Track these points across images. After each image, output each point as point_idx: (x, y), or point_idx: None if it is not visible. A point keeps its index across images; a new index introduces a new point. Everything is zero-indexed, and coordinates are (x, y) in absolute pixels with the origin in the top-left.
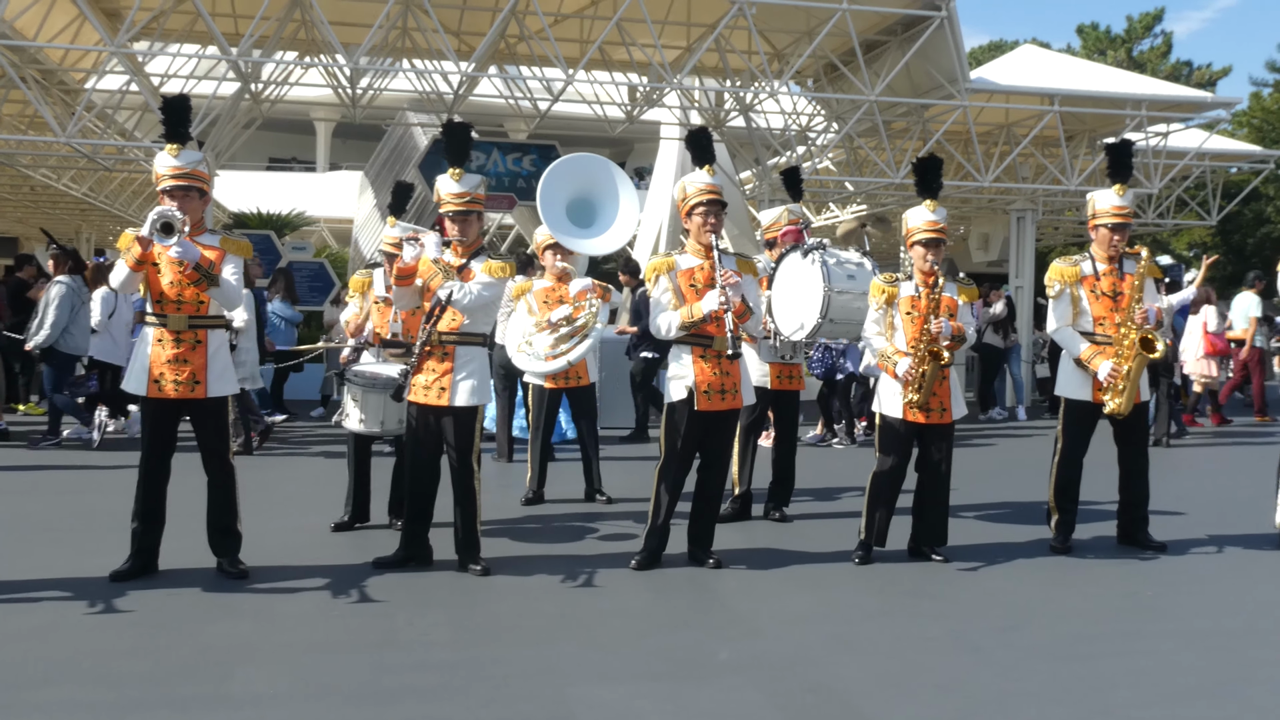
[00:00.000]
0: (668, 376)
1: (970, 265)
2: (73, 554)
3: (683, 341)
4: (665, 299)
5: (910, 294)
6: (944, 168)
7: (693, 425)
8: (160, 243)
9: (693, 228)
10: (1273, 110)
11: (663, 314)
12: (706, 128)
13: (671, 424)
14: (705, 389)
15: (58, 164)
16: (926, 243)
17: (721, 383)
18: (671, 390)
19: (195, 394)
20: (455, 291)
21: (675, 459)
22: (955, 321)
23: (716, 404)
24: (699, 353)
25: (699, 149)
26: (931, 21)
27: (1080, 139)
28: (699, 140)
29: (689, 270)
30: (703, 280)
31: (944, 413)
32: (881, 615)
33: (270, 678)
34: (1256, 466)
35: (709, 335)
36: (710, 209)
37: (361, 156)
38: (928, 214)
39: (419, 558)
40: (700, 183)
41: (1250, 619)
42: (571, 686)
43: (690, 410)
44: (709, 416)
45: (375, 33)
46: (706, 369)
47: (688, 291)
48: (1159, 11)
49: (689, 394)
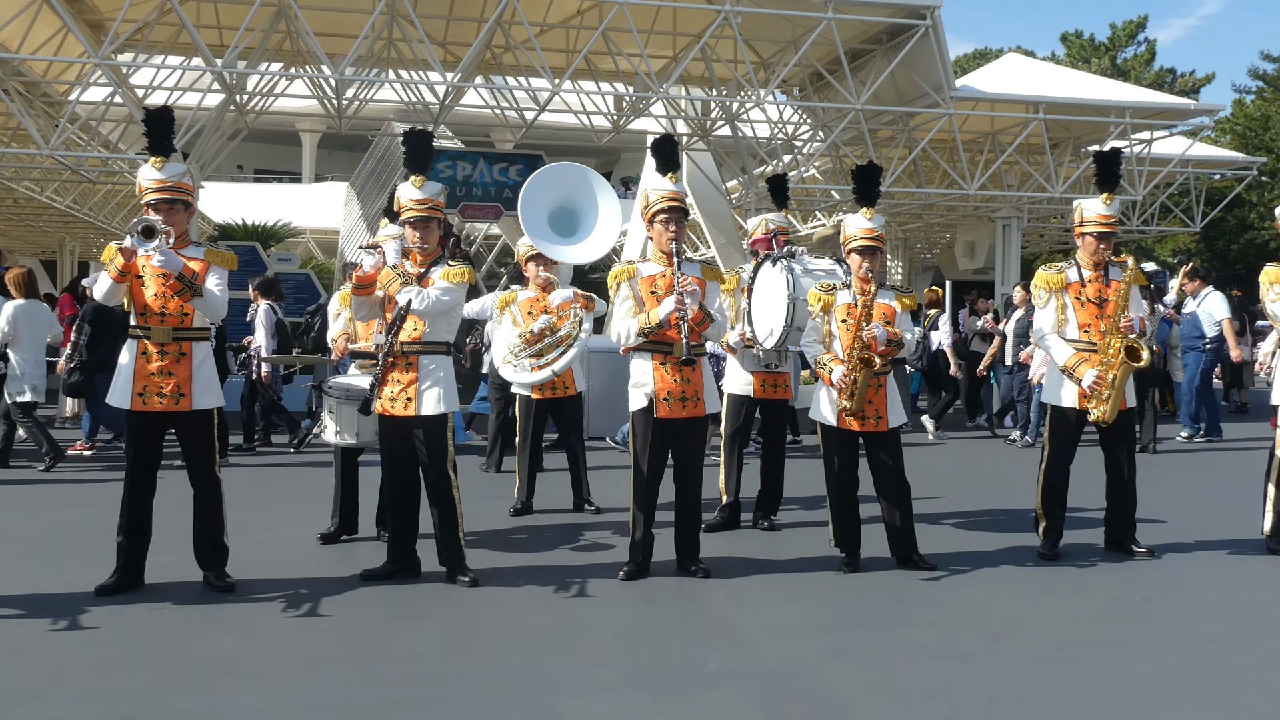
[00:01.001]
0: (629, 385)
1: (956, 273)
2: (58, 569)
3: (642, 349)
4: (626, 306)
5: (847, 301)
6: (930, 176)
7: (657, 433)
8: (142, 249)
9: (654, 235)
10: (1255, 117)
11: (620, 321)
12: (671, 136)
13: (636, 433)
14: (665, 396)
15: (41, 176)
16: (863, 250)
17: (682, 390)
18: (632, 398)
19: (180, 407)
20: (414, 298)
21: (644, 468)
22: (891, 328)
23: (677, 411)
24: (658, 360)
25: (663, 157)
26: (916, 30)
27: (1065, 146)
28: (663, 148)
29: (650, 277)
30: (664, 287)
31: (880, 420)
32: (870, 623)
33: (258, 691)
34: (1243, 472)
35: (669, 342)
36: (672, 216)
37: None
38: (864, 222)
39: (407, 570)
40: (662, 190)
41: (1238, 624)
42: (561, 697)
43: (652, 418)
44: (671, 424)
45: (361, 43)
46: (666, 376)
47: (648, 298)
48: (1142, 19)
49: (649, 401)
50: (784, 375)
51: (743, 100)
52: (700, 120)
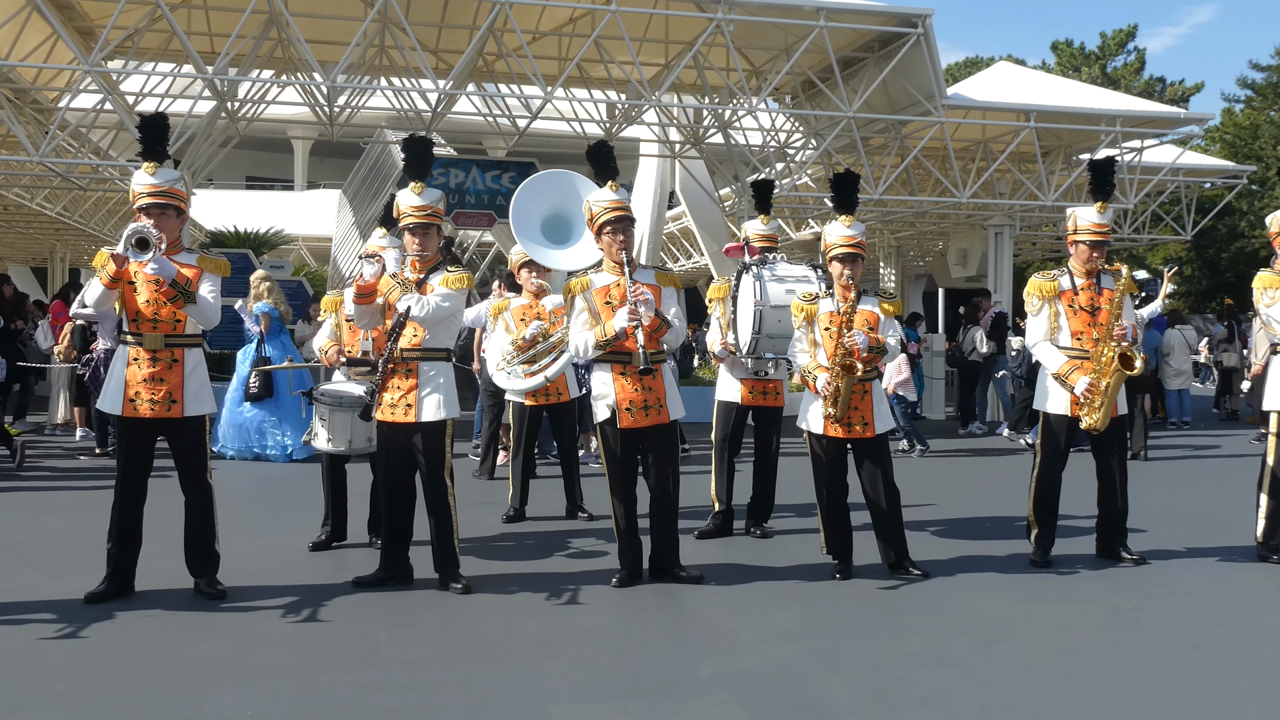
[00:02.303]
0: (592, 396)
1: (949, 280)
2: (47, 576)
3: (602, 360)
4: (583, 319)
5: (830, 309)
6: (922, 184)
7: (623, 442)
8: (135, 259)
9: (604, 246)
10: (1245, 126)
11: (578, 335)
12: (606, 142)
13: (605, 444)
14: (627, 406)
15: (31, 183)
16: (844, 258)
17: (644, 399)
18: (596, 410)
19: (172, 413)
20: (414, 305)
21: (616, 477)
22: (873, 334)
23: (640, 420)
24: (619, 370)
25: (600, 165)
26: (908, 38)
27: (1056, 154)
28: (599, 156)
29: (604, 288)
30: (618, 297)
31: (866, 426)
32: (863, 630)
33: (249, 699)
34: (1236, 479)
35: (628, 352)
36: (619, 225)
37: (339, 175)
38: (844, 229)
39: (399, 576)
40: (605, 200)
41: (1230, 631)
42: (554, 705)
43: (617, 429)
44: (636, 433)
45: (353, 50)
46: (627, 386)
47: (603, 309)
48: (1132, 28)
49: (611, 413)
50: (776, 382)
51: (735, 108)
52: (693, 128)
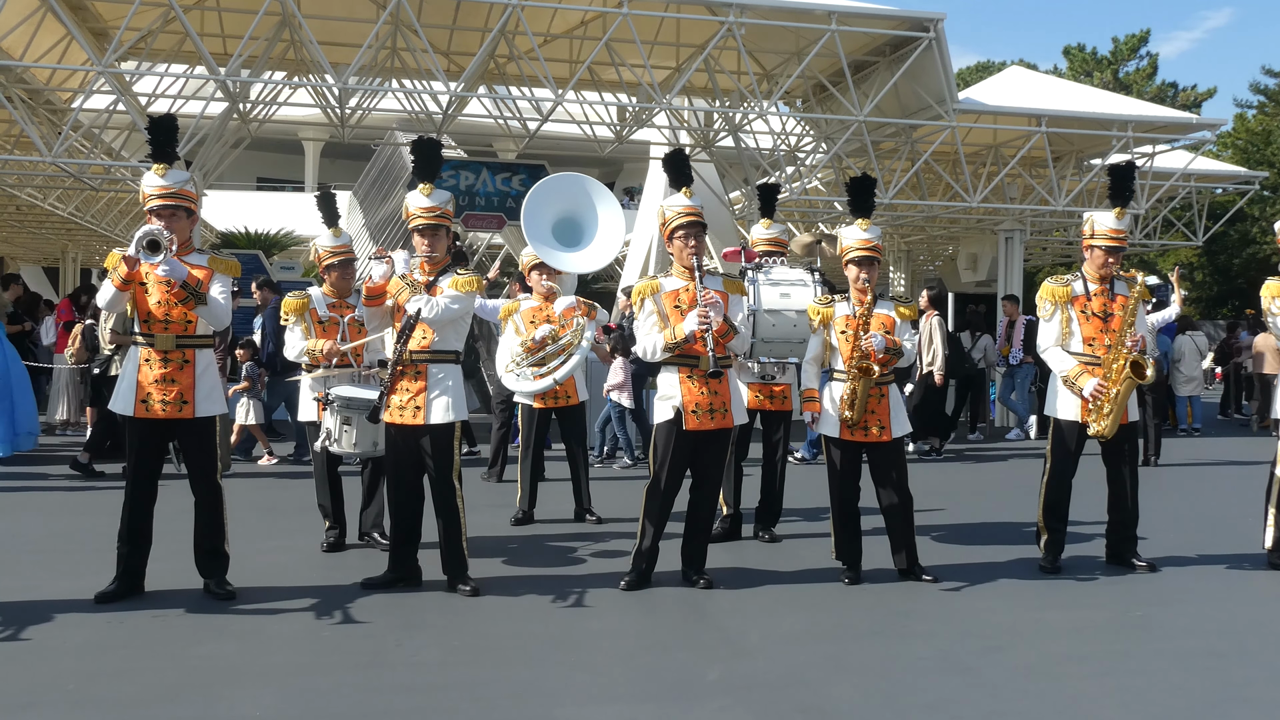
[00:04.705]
0: (655, 397)
1: (959, 285)
2: (58, 575)
3: (669, 363)
4: (651, 321)
5: (846, 313)
6: (933, 188)
7: (681, 445)
8: (147, 261)
9: (675, 251)
10: (1257, 132)
11: (647, 336)
12: (683, 150)
13: (658, 445)
14: (694, 408)
15: (44, 183)
16: (860, 261)
17: (710, 402)
18: (658, 411)
19: (183, 414)
20: (424, 306)
21: (663, 480)
22: (890, 337)
23: (705, 423)
24: (685, 373)
25: (676, 172)
26: (920, 43)
27: (1067, 159)
28: (676, 163)
29: (674, 292)
30: (687, 302)
31: (883, 430)
32: (871, 635)
33: (258, 700)
34: (1245, 486)
35: (696, 355)
36: (691, 231)
37: (350, 176)
38: (861, 233)
39: (408, 578)
40: (679, 206)
41: (1239, 639)
42: (561, 708)
43: (678, 430)
44: (698, 436)
45: (364, 53)
46: (694, 389)
47: (673, 313)
48: (1145, 34)
49: (676, 414)
50: (783, 386)
51: (746, 111)
52: (703, 131)
